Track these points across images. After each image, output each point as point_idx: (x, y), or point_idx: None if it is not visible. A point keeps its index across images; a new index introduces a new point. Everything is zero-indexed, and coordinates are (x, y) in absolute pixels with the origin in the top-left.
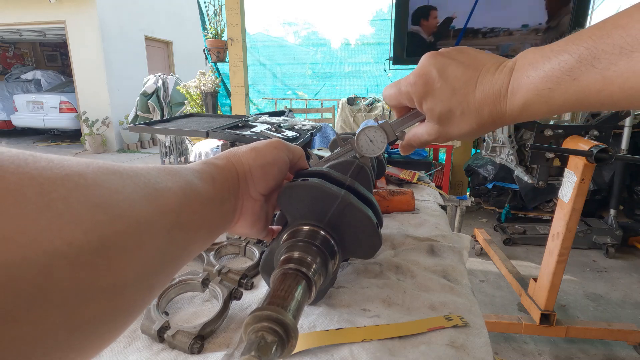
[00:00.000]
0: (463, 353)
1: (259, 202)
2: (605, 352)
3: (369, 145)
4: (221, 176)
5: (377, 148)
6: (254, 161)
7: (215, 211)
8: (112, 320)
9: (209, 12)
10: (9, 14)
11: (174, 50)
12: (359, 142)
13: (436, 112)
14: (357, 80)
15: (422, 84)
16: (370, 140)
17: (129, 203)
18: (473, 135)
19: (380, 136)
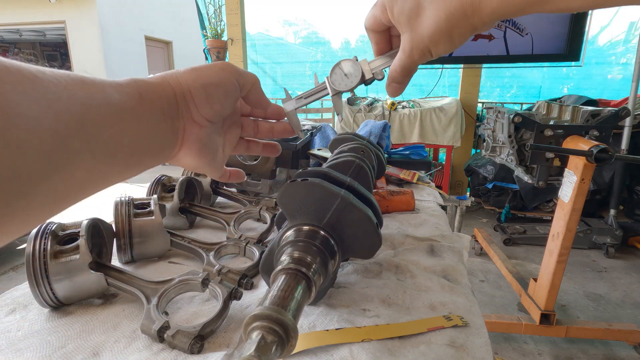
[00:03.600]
0: (463, 353)
1: (206, 129)
2: (605, 352)
3: (342, 79)
4: (151, 93)
5: (351, 82)
6: (194, 81)
7: (144, 130)
8: None
9: (208, 12)
10: (9, 14)
11: (174, 50)
12: (332, 75)
13: (405, 10)
14: None
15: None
16: (344, 74)
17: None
18: (445, 38)
19: (355, 70)
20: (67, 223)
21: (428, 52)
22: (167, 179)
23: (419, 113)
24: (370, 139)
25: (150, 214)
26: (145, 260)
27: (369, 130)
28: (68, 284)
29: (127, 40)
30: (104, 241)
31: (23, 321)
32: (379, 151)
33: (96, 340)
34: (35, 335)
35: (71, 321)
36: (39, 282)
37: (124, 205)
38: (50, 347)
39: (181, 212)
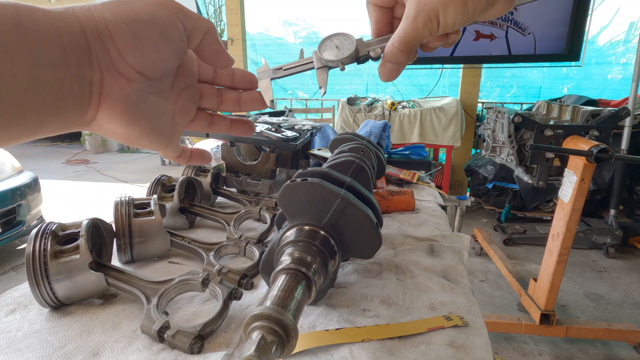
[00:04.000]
0: (463, 353)
1: (137, 85)
2: (605, 352)
3: (332, 51)
4: (39, 23)
5: (342, 54)
6: (113, 15)
7: (25, 75)
8: None
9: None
10: None
11: None
12: (323, 45)
13: None
14: (357, 79)
15: None
16: (335, 46)
17: None
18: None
19: (349, 44)
20: (67, 223)
21: (435, 18)
22: (167, 179)
23: (419, 113)
24: (370, 139)
25: (150, 214)
26: (145, 260)
27: (369, 130)
28: (68, 284)
29: None
30: (104, 241)
31: (23, 321)
32: (379, 151)
33: (96, 340)
34: (35, 335)
35: (71, 321)
36: (39, 282)
37: (124, 205)
38: (50, 347)
39: (181, 212)
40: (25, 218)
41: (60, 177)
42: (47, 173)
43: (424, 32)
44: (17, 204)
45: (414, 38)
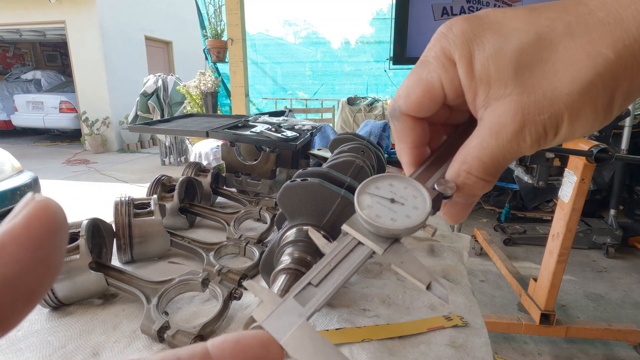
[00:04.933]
0: (463, 353)
1: None
2: (605, 352)
3: (399, 213)
4: None
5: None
6: None
7: None
8: None
9: (208, 12)
10: (9, 14)
11: (174, 50)
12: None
13: (512, 51)
14: (357, 79)
15: (468, 21)
16: (396, 202)
17: None
18: (601, 100)
19: (417, 191)
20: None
21: (554, 129)
22: (167, 179)
23: None
24: (370, 139)
25: (150, 214)
26: (145, 260)
27: (369, 130)
28: (68, 284)
29: (127, 40)
30: (104, 241)
31: (23, 321)
32: (379, 151)
33: (96, 340)
34: (35, 335)
35: (71, 321)
36: None
37: (124, 205)
38: (50, 347)
39: (181, 212)
40: None
41: (60, 177)
42: (47, 173)
43: (523, 149)
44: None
45: (507, 159)
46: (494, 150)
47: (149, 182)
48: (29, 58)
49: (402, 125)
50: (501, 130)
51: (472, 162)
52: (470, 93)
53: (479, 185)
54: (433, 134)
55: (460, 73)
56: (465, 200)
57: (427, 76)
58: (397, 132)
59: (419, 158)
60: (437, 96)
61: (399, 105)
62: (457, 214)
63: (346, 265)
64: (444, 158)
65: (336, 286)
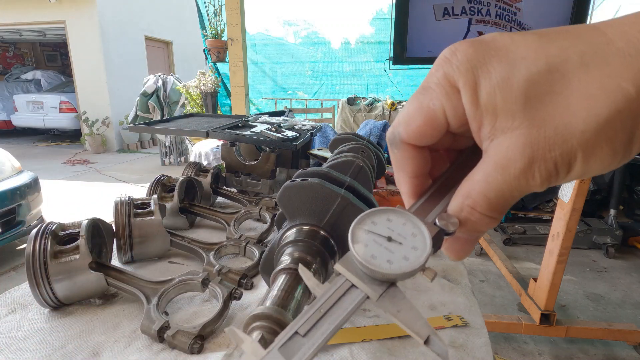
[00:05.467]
0: (463, 353)
1: None
2: (605, 352)
3: (395, 254)
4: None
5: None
6: None
7: None
8: None
9: (208, 12)
10: (9, 14)
11: (174, 50)
12: (357, 243)
13: (521, 82)
14: (357, 79)
15: (473, 46)
16: (387, 260)
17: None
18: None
19: (415, 228)
20: (67, 223)
21: (566, 166)
22: (167, 179)
23: None
24: (370, 139)
25: (150, 214)
26: (145, 260)
27: (369, 130)
28: (68, 284)
29: (127, 40)
30: (104, 241)
31: (23, 321)
32: (379, 151)
33: (96, 340)
34: (35, 335)
35: (71, 321)
36: (39, 282)
37: (124, 205)
38: (50, 347)
39: (181, 212)
40: (25, 218)
41: (60, 177)
42: (47, 173)
43: (532, 187)
44: (17, 204)
45: (515, 196)
46: (500, 186)
47: (149, 182)
48: (29, 58)
49: (402, 154)
50: (508, 166)
51: (477, 197)
52: (475, 123)
53: (483, 222)
54: (435, 161)
55: (465, 101)
56: (468, 236)
57: (429, 103)
58: (397, 160)
59: (420, 188)
60: (440, 124)
61: (399, 133)
62: (460, 250)
63: (338, 311)
64: (446, 189)
65: (325, 337)
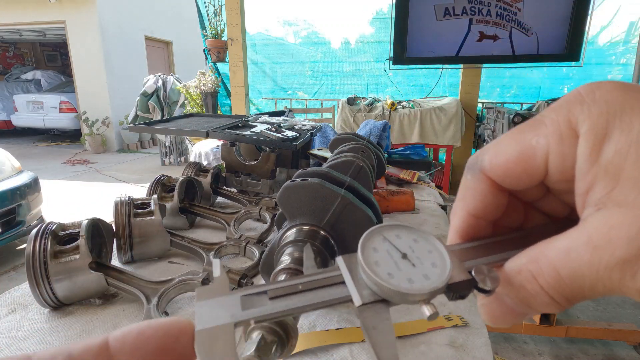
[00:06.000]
0: (463, 353)
1: None
2: (605, 352)
3: (401, 273)
4: None
5: (432, 283)
6: None
7: None
8: None
9: (208, 12)
10: (9, 14)
11: (174, 50)
12: (367, 248)
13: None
14: (357, 79)
15: (623, 89)
16: (408, 279)
17: None
18: None
19: (435, 253)
20: (67, 223)
21: None
22: (167, 179)
23: (419, 113)
24: (370, 139)
25: (150, 214)
26: (145, 260)
27: (369, 130)
28: (68, 284)
29: (127, 40)
30: (104, 241)
31: (23, 321)
32: (379, 151)
33: None
34: (35, 335)
35: (71, 321)
36: (39, 282)
37: (124, 205)
38: (50, 347)
39: (181, 212)
40: (25, 218)
41: (60, 177)
42: (47, 173)
43: (626, 289)
44: (17, 204)
45: (596, 291)
46: (581, 268)
47: (149, 182)
48: (29, 58)
49: (474, 184)
50: (605, 249)
51: (545, 267)
52: (584, 183)
53: (540, 300)
54: (510, 211)
55: (580, 152)
56: (516, 306)
57: (532, 140)
58: (465, 188)
59: (473, 231)
60: (535, 169)
61: (482, 161)
62: (498, 316)
63: (313, 296)
64: (506, 247)
65: (287, 310)
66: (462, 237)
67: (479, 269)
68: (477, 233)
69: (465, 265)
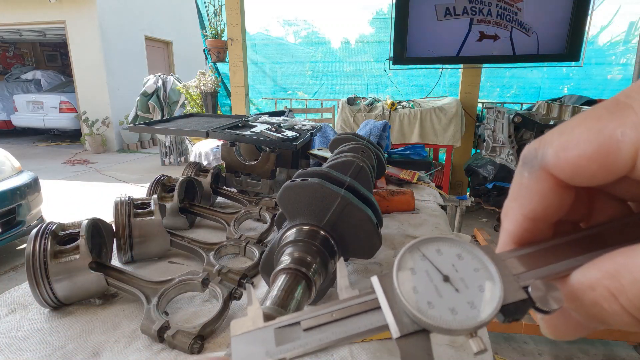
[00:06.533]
0: (463, 353)
1: None
2: (605, 352)
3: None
4: None
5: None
6: None
7: None
8: None
9: (208, 12)
10: (9, 14)
11: (174, 50)
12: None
13: None
14: (357, 79)
15: None
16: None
17: None
18: None
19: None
20: (67, 223)
21: None
22: (167, 179)
23: (419, 113)
24: (370, 139)
25: (150, 214)
26: (145, 260)
27: (369, 130)
28: (68, 284)
29: (127, 40)
30: (104, 241)
31: (23, 321)
32: (379, 151)
33: (96, 340)
34: (35, 335)
35: (71, 321)
36: (39, 282)
37: (124, 205)
38: (50, 347)
39: (181, 212)
40: (25, 218)
41: (60, 177)
42: (47, 173)
43: None
44: (17, 204)
45: None
46: None
47: (149, 182)
48: (29, 58)
49: (532, 183)
50: None
51: (629, 285)
52: None
53: (620, 320)
54: (578, 206)
55: None
56: (587, 322)
57: (616, 131)
58: (521, 187)
59: (530, 235)
60: (617, 165)
61: (544, 155)
62: (564, 331)
63: (349, 325)
64: (571, 252)
65: (323, 344)
66: (517, 242)
67: (537, 286)
68: (534, 237)
69: (520, 279)
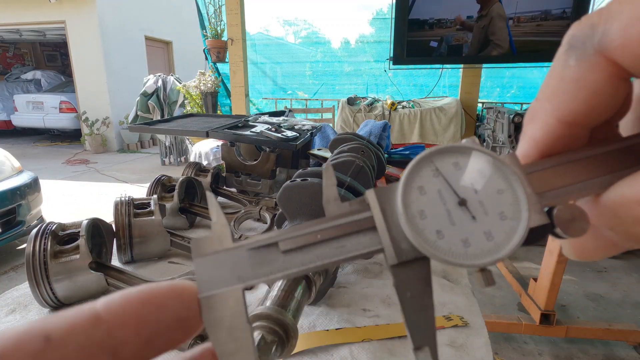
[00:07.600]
0: (463, 353)
1: None
2: (605, 352)
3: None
4: None
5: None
6: None
7: None
8: None
9: (208, 12)
10: (9, 14)
11: (174, 50)
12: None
13: None
14: (357, 79)
15: None
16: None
17: None
18: None
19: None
20: (67, 223)
21: None
22: (167, 179)
23: (419, 113)
24: (370, 139)
25: (150, 213)
26: (145, 260)
27: (369, 130)
28: (68, 284)
29: (127, 40)
30: (104, 241)
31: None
32: (379, 151)
33: None
34: None
35: None
36: (39, 282)
37: (124, 205)
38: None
39: (181, 212)
40: (25, 218)
41: (60, 177)
42: (47, 173)
43: None
44: (17, 204)
45: None
46: None
47: (149, 182)
48: (29, 58)
49: (582, 73)
50: None
51: None
52: None
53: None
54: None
55: None
56: (622, 242)
57: None
58: (562, 80)
59: (562, 144)
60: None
61: (607, 33)
62: (592, 250)
63: (336, 247)
64: (608, 166)
65: (304, 269)
66: (544, 152)
67: (563, 210)
68: (566, 146)
69: (544, 199)
